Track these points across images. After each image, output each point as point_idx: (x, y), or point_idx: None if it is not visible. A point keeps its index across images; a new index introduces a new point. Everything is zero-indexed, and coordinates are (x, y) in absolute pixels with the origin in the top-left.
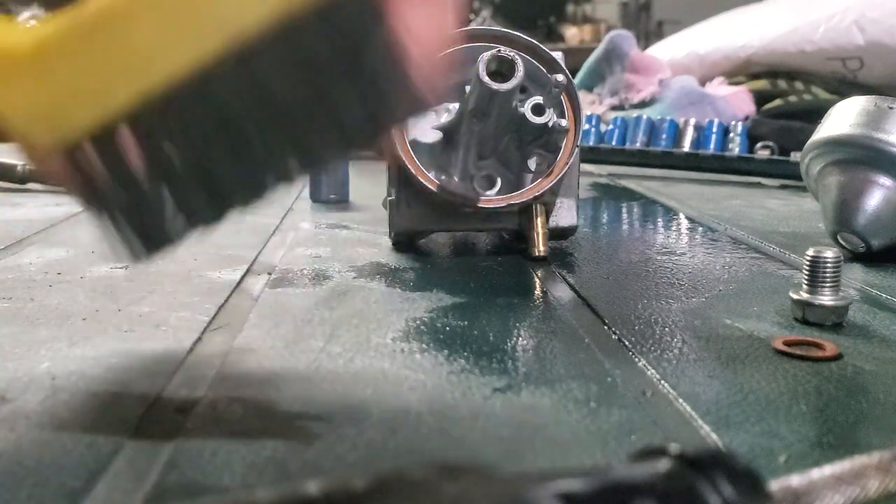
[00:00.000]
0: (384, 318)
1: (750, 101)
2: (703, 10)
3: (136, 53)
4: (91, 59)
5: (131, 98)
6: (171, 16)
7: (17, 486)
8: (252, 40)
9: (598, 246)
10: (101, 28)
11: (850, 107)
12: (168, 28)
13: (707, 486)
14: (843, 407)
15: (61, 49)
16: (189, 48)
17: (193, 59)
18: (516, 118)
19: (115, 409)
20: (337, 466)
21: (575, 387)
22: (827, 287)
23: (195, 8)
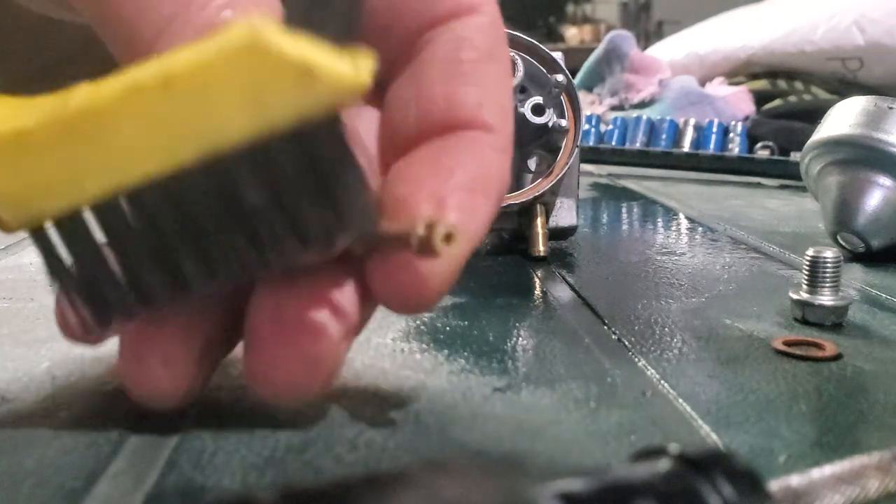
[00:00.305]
0: (384, 318)
1: (750, 101)
2: (703, 11)
3: (112, 153)
4: (67, 154)
5: (100, 192)
6: (152, 123)
7: (16, 486)
8: (226, 153)
9: (598, 246)
10: (82, 126)
11: (850, 107)
12: (147, 134)
13: (707, 486)
14: (842, 407)
15: (40, 142)
16: (164, 155)
17: (167, 165)
18: (516, 118)
19: (114, 409)
20: (336, 467)
21: (575, 387)
22: (827, 287)
23: (176, 120)
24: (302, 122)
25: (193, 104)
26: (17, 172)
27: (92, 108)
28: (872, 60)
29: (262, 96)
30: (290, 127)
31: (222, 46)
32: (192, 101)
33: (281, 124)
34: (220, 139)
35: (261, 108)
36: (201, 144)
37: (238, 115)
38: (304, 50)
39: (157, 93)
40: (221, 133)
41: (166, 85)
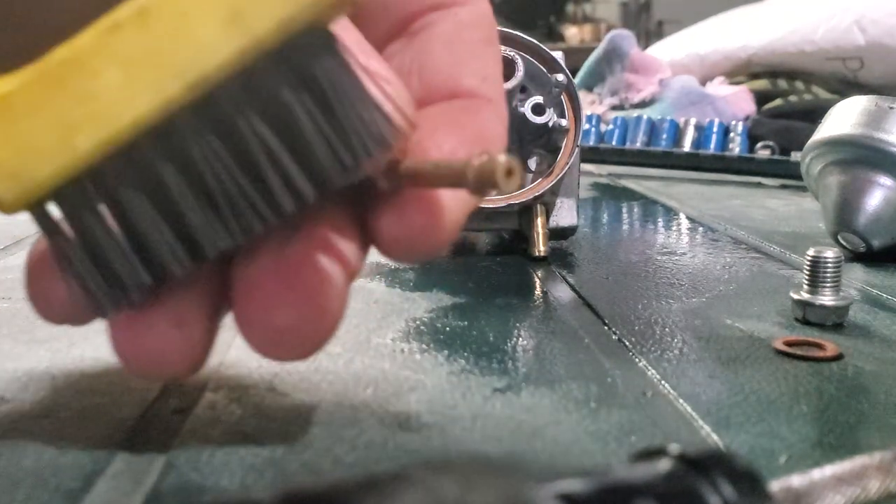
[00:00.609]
0: (384, 318)
1: (750, 100)
2: (704, 10)
3: (98, 102)
4: (54, 110)
5: (94, 149)
6: (133, 64)
7: (15, 486)
8: (214, 85)
9: (598, 246)
10: (63, 78)
11: (850, 107)
12: (130, 76)
13: (707, 487)
14: (843, 407)
15: (24, 101)
16: (151, 94)
17: (156, 105)
18: (516, 118)
19: (114, 410)
20: (336, 467)
21: (575, 387)
22: (827, 287)
23: (157, 54)
24: (287, 32)
25: (172, 32)
26: (5, 139)
27: (71, 58)
28: (873, 60)
29: (240, 8)
30: (276, 40)
31: None
32: (170, 28)
33: (265, 36)
34: (206, 65)
35: (241, 22)
36: (187, 74)
37: (219, 34)
38: None
39: (133, 28)
40: (205, 58)
41: (142, 16)
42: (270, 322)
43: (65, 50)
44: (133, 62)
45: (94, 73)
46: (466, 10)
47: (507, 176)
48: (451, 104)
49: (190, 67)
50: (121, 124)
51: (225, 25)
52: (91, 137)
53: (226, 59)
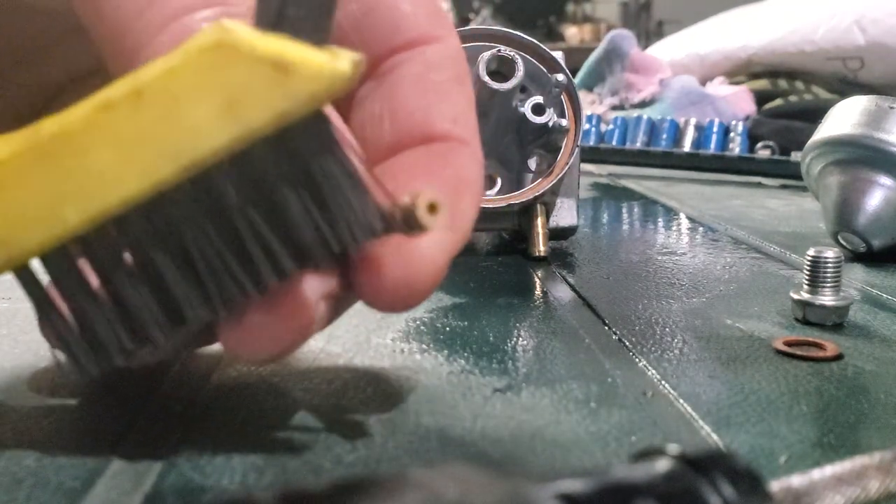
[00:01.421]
0: (384, 318)
1: (750, 100)
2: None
3: (89, 177)
4: (44, 182)
5: (83, 222)
6: (125, 144)
7: (15, 486)
8: (205, 167)
9: (598, 246)
10: (55, 152)
11: (850, 106)
12: (122, 153)
13: (707, 487)
14: (843, 407)
15: (15, 171)
16: (142, 173)
17: (146, 184)
18: (516, 118)
19: (114, 409)
20: (336, 467)
21: (575, 387)
22: (828, 287)
23: (150, 136)
24: (282, 123)
25: (166, 115)
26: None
27: (63, 132)
28: (873, 60)
29: (236, 97)
30: (271, 130)
31: (190, 50)
32: (164, 111)
33: (260, 127)
34: (199, 150)
35: (237, 111)
36: (180, 158)
37: (214, 121)
38: (277, 45)
39: (127, 108)
40: (199, 143)
41: (136, 97)
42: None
43: (56, 123)
44: (124, 142)
45: (85, 149)
46: (434, 50)
47: (430, 213)
48: (426, 149)
49: (182, 151)
50: (110, 201)
51: (220, 113)
52: (80, 211)
53: (218, 146)
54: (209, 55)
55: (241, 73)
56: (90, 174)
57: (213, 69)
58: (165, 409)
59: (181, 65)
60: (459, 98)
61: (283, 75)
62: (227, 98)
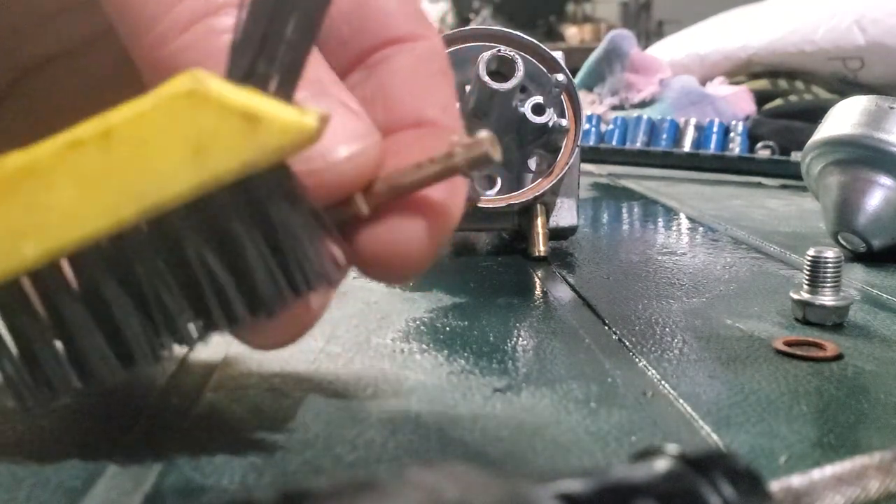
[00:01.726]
0: (384, 318)
1: (750, 100)
2: (704, 10)
3: (51, 214)
4: (6, 215)
5: (40, 258)
6: (90, 183)
7: (16, 485)
8: (167, 211)
9: (598, 246)
10: (18, 187)
11: (850, 107)
12: (86, 193)
13: (707, 487)
14: (843, 407)
15: None
16: (105, 214)
17: (107, 225)
18: (516, 118)
19: (114, 409)
20: (336, 467)
21: (575, 387)
22: (828, 287)
23: (116, 176)
24: (247, 172)
25: (134, 157)
26: None
27: (28, 168)
28: (873, 60)
29: (204, 145)
30: (236, 179)
31: (162, 96)
32: (132, 153)
33: (225, 175)
34: (163, 193)
35: (204, 158)
36: (143, 200)
37: (180, 166)
38: (247, 97)
39: (95, 148)
40: (164, 186)
41: (105, 138)
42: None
43: (23, 158)
44: (90, 181)
45: (49, 185)
46: (422, 46)
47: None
48: (417, 132)
49: (146, 194)
50: (69, 238)
51: (187, 159)
52: (38, 247)
53: (183, 191)
54: (181, 102)
55: (211, 122)
56: (52, 210)
57: (183, 116)
58: (165, 408)
59: (152, 109)
60: (447, 90)
61: (252, 126)
62: (195, 144)
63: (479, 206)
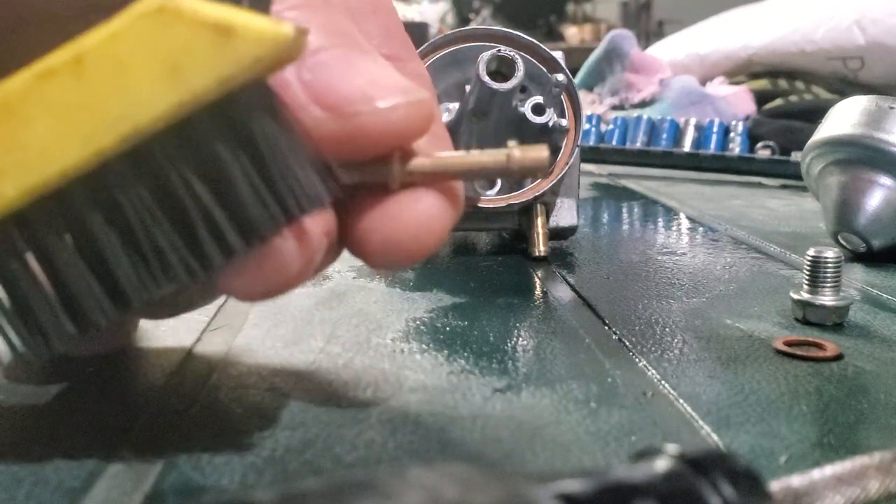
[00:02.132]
0: (384, 318)
1: (750, 100)
2: (704, 10)
3: (28, 150)
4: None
5: (21, 197)
6: (65, 113)
7: (16, 485)
8: (147, 136)
9: (598, 246)
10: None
11: (850, 106)
12: (61, 125)
13: (707, 487)
14: (843, 407)
15: None
16: (82, 145)
17: (87, 156)
18: (516, 118)
19: (114, 409)
20: (336, 467)
21: (575, 387)
22: (828, 287)
23: (91, 104)
24: (226, 89)
25: (108, 82)
26: None
27: (1, 103)
28: (873, 60)
29: (179, 62)
30: (214, 95)
31: (132, 14)
32: (105, 78)
33: (203, 92)
34: (141, 117)
35: (180, 76)
36: (122, 126)
37: (157, 86)
38: (220, 10)
39: (68, 75)
40: (141, 110)
41: (77, 64)
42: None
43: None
44: (65, 111)
45: (24, 120)
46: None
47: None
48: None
49: (124, 119)
50: (49, 173)
51: (162, 78)
52: (17, 185)
53: (161, 113)
54: (152, 20)
55: (184, 37)
56: (29, 146)
57: (155, 34)
58: (165, 408)
59: (123, 30)
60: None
61: (226, 39)
62: (169, 63)
63: (479, 206)
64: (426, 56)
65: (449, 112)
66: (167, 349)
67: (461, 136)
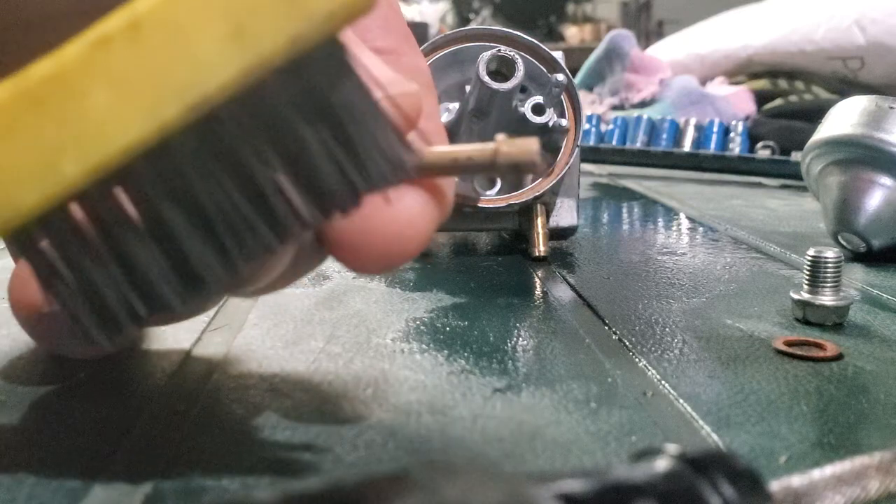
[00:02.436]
0: (384, 318)
1: (750, 100)
2: (704, 10)
3: (87, 124)
4: (37, 132)
5: (83, 175)
6: (125, 83)
7: (17, 485)
8: (215, 105)
9: (598, 246)
10: (49, 97)
11: (850, 106)
12: (121, 96)
13: (707, 487)
14: (843, 407)
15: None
16: (146, 116)
17: (151, 129)
18: (516, 118)
19: (114, 409)
20: (336, 467)
21: (575, 387)
22: (828, 287)
23: (152, 72)
24: (297, 53)
25: (168, 48)
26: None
27: (56, 75)
28: (873, 60)
29: (244, 23)
30: (284, 58)
31: None
32: (165, 44)
33: (272, 55)
34: (206, 85)
35: (245, 39)
36: (186, 96)
37: (221, 51)
38: None
39: (125, 42)
40: (206, 77)
41: (134, 30)
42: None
43: (47, 65)
44: (124, 81)
45: (80, 92)
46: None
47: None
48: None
49: (188, 87)
50: (112, 148)
51: (227, 42)
52: (79, 162)
53: (228, 79)
54: None
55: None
56: (88, 120)
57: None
58: (166, 408)
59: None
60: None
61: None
62: (233, 24)
63: (479, 206)
64: (426, 56)
65: (449, 112)
66: (167, 349)
67: (461, 136)
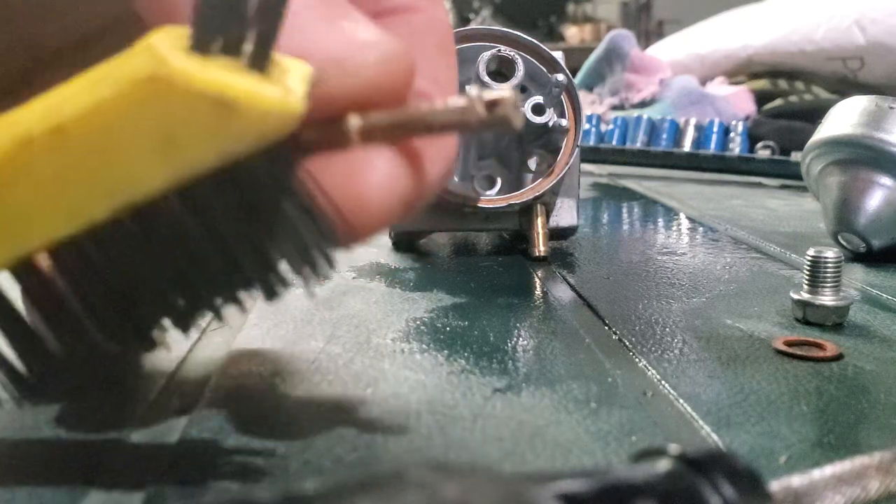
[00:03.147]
0: (384, 318)
1: (750, 100)
2: (704, 10)
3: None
4: None
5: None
6: (50, 181)
7: (17, 484)
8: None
9: (598, 246)
10: None
11: (850, 106)
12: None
13: (707, 487)
14: (843, 407)
15: None
16: (71, 215)
17: (76, 225)
18: None
19: (114, 410)
20: (336, 467)
21: (575, 387)
22: (828, 287)
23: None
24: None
25: (94, 154)
26: None
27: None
28: (873, 60)
29: (174, 137)
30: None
31: (120, 79)
32: (92, 149)
33: (201, 166)
34: (134, 190)
35: (175, 150)
36: (113, 197)
37: (149, 159)
38: (220, 74)
39: (48, 145)
40: (133, 183)
41: (58, 134)
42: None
43: None
44: (48, 181)
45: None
46: (420, 18)
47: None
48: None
49: (115, 190)
50: (35, 242)
51: (156, 152)
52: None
53: (156, 186)
54: (142, 88)
55: (179, 110)
56: (12, 214)
57: (146, 104)
58: (165, 409)
59: (110, 99)
60: (440, 64)
61: (226, 113)
62: (163, 136)
63: (479, 206)
64: None
65: None
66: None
67: (461, 136)
